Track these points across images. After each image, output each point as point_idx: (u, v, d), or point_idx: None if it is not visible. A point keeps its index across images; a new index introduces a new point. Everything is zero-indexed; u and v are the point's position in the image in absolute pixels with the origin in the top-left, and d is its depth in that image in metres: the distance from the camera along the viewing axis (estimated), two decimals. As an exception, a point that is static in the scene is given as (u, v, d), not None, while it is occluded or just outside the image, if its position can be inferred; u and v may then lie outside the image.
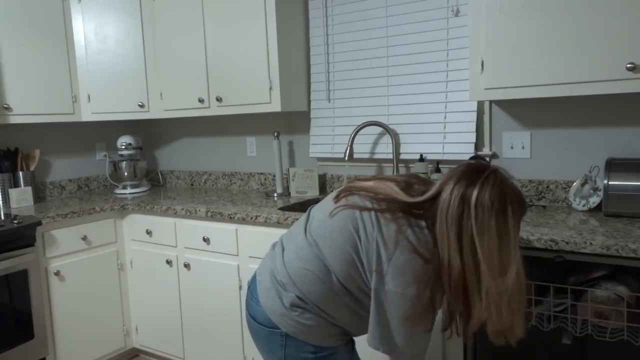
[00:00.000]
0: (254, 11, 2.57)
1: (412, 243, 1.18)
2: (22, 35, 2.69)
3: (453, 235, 1.13)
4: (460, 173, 1.18)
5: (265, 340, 1.35)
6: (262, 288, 1.37)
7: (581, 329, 1.71)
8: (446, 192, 1.17)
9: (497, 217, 1.12)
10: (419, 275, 1.17)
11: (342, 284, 1.27)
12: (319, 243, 1.29)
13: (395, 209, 1.22)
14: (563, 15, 1.81)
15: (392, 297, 1.19)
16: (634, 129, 2.04)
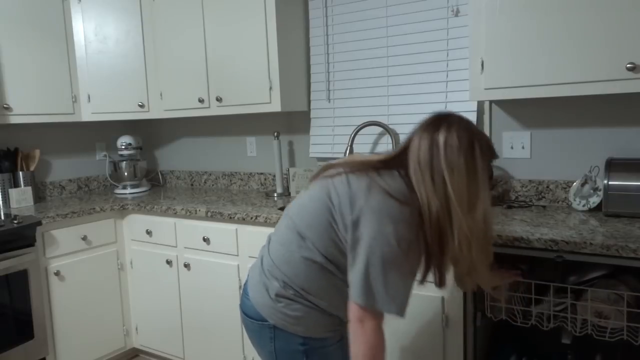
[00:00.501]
0: (254, 11, 2.57)
1: (384, 188, 1.21)
2: (22, 35, 2.69)
3: (428, 177, 1.19)
4: (426, 123, 1.25)
5: (257, 334, 1.36)
6: (251, 283, 1.39)
7: (581, 329, 1.71)
8: (415, 140, 1.24)
9: (465, 155, 1.18)
10: (395, 216, 1.18)
11: (325, 255, 1.27)
12: (296, 219, 1.32)
13: (366, 168, 1.26)
14: (563, 15, 1.81)
15: (368, 242, 1.19)
16: (634, 129, 2.04)
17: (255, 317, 1.35)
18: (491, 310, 1.85)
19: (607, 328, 1.66)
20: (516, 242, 1.69)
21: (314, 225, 1.28)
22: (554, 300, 1.75)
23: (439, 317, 1.88)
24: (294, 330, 1.31)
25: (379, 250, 1.18)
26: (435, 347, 1.91)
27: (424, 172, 1.20)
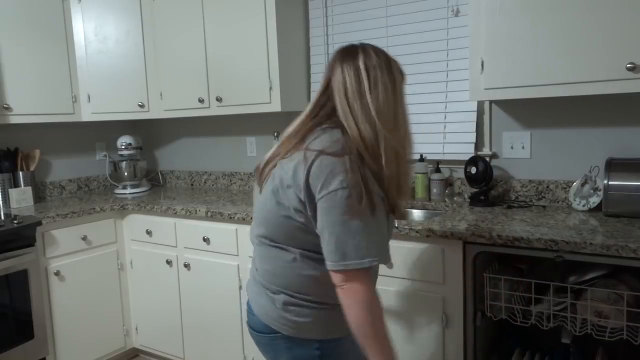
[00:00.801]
0: (254, 11, 2.57)
1: (317, 150, 1.19)
2: (22, 35, 2.69)
3: (356, 105, 1.20)
4: (339, 56, 1.27)
5: (270, 347, 1.33)
6: (253, 299, 1.35)
7: (581, 328, 1.71)
8: (336, 74, 1.24)
9: (385, 69, 1.23)
10: (336, 170, 1.16)
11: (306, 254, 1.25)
12: (265, 233, 1.30)
13: (295, 143, 1.26)
14: (563, 15, 1.81)
15: (325, 209, 1.17)
16: (634, 129, 2.04)
17: (265, 331, 1.31)
18: (491, 309, 1.85)
19: (607, 327, 1.66)
20: (516, 242, 1.69)
21: (283, 232, 1.26)
22: (553, 299, 1.75)
23: (439, 317, 1.88)
24: (308, 335, 1.28)
25: (336, 210, 1.15)
26: (435, 347, 1.91)
27: (351, 102, 1.21)
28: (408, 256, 1.92)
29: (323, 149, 1.19)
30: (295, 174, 1.20)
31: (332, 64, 1.27)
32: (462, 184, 2.42)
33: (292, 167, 1.21)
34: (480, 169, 2.21)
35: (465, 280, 1.83)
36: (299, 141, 1.25)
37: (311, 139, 1.24)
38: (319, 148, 1.20)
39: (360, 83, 1.21)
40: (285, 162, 1.25)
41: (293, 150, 1.25)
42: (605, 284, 1.73)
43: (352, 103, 1.21)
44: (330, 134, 1.23)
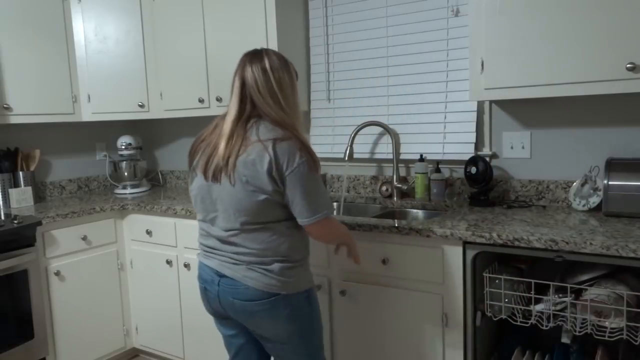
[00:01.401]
0: (254, 11, 2.57)
1: (272, 139, 1.48)
2: (22, 35, 2.69)
3: (269, 99, 1.52)
4: (247, 59, 1.60)
5: (265, 312, 1.53)
6: (239, 276, 1.54)
7: (581, 328, 1.71)
8: (247, 74, 1.56)
9: (286, 71, 1.57)
10: (294, 148, 1.47)
11: (278, 222, 1.54)
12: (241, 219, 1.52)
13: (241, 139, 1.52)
14: (563, 15, 1.81)
15: (296, 177, 1.47)
16: (634, 129, 2.04)
17: (264, 297, 1.52)
18: (491, 309, 1.86)
19: (607, 327, 1.66)
20: (516, 242, 1.69)
21: (263, 213, 1.50)
22: (553, 299, 1.75)
23: (439, 317, 1.89)
24: (299, 289, 1.57)
25: (303, 180, 1.48)
26: (435, 347, 1.91)
27: (264, 96, 1.52)
28: (408, 256, 1.92)
29: (275, 137, 1.48)
30: (263, 163, 1.46)
31: (243, 67, 1.58)
32: (462, 184, 2.42)
33: (258, 159, 1.46)
34: (480, 169, 2.21)
35: (465, 280, 1.83)
36: (242, 138, 1.50)
37: (252, 132, 1.51)
38: (271, 137, 1.48)
39: (268, 81, 1.53)
40: (245, 157, 1.48)
41: (244, 146, 1.49)
42: (605, 284, 1.73)
43: (267, 99, 1.52)
44: (265, 125, 1.52)
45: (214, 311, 1.68)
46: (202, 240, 1.68)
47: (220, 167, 1.52)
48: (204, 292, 1.68)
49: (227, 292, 1.57)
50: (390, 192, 2.58)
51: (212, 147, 1.57)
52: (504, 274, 1.86)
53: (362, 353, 2.09)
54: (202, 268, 1.68)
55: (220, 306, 1.61)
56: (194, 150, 1.66)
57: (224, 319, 1.68)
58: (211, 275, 1.62)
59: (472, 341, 1.85)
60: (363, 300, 2.05)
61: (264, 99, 1.53)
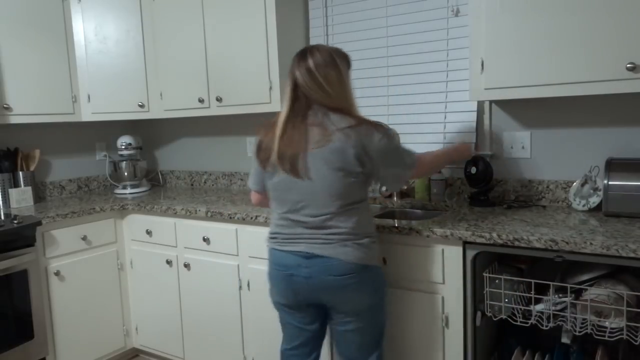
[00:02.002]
0: (254, 11, 2.57)
1: (346, 127, 1.62)
2: (22, 35, 2.69)
3: (323, 95, 1.64)
4: (296, 60, 1.69)
5: (355, 284, 1.65)
6: (331, 252, 1.63)
7: (581, 328, 1.71)
8: (297, 75, 1.66)
9: (332, 66, 1.66)
10: (370, 130, 1.64)
11: (363, 201, 1.71)
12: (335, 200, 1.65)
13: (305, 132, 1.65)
14: (563, 15, 1.81)
15: (382, 151, 1.65)
16: (634, 129, 2.04)
17: (355, 270, 1.64)
18: (491, 309, 1.86)
19: (607, 327, 1.66)
20: (516, 242, 1.69)
21: (353, 193, 1.66)
22: (553, 299, 1.75)
23: (439, 317, 1.89)
24: (378, 262, 1.73)
25: (390, 152, 1.68)
26: (435, 347, 1.91)
27: (316, 92, 1.64)
28: (408, 256, 1.92)
29: (349, 125, 1.62)
30: (349, 148, 1.60)
31: (293, 68, 1.68)
32: (462, 184, 2.42)
33: (343, 146, 1.60)
34: (480, 169, 2.21)
35: (465, 280, 1.83)
36: (319, 129, 1.62)
37: (327, 123, 1.62)
38: (345, 125, 1.62)
39: (315, 80, 1.63)
40: (331, 146, 1.60)
41: (326, 136, 1.61)
42: (605, 284, 1.73)
43: (320, 94, 1.64)
44: (333, 115, 1.64)
45: (295, 298, 1.73)
46: (284, 230, 1.72)
47: (305, 159, 1.62)
48: (287, 279, 1.71)
49: (320, 270, 1.64)
50: (390, 192, 2.58)
51: (288, 142, 1.65)
52: (504, 274, 1.86)
53: (362, 353, 2.08)
54: (282, 257, 1.71)
55: (308, 288, 1.68)
56: (264, 148, 1.74)
57: (299, 307, 1.75)
58: (297, 260, 1.67)
59: (472, 341, 1.85)
60: (363, 300, 2.05)
61: (317, 94, 1.64)
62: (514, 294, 1.87)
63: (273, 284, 1.77)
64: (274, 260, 1.74)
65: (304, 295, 1.70)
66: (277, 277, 1.73)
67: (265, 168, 1.73)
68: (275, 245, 1.74)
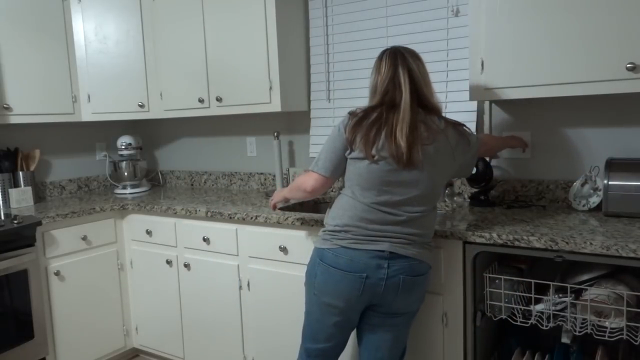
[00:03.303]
0: (254, 11, 2.57)
1: (456, 122, 1.75)
2: (22, 35, 2.69)
3: (431, 91, 1.71)
4: (405, 54, 1.70)
5: (423, 285, 1.69)
6: (415, 252, 1.64)
7: (581, 328, 1.71)
8: (413, 67, 1.67)
9: (422, 64, 1.71)
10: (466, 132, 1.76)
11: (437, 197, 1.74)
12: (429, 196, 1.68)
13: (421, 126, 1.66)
14: (563, 15, 1.81)
15: (472, 153, 1.77)
16: (634, 129, 2.04)
17: (427, 271, 1.69)
18: (491, 309, 1.86)
19: (607, 327, 1.66)
20: (516, 242, 1.69)
21: (437, 196, 1.71)
22: (553, 299, 1.75)
23: (439, 317, 1.89)
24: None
25: (476, 151, 1.79)
26: (435, 347, 1.91)
27: (428, 87, 1.69)
28: (408, 256, 1.92)
29: (446, 126, 1.67)
30: (450, 150, 1.66)
31: (404, 61, 1.67)
32: (462, 184, 2.42)
33: (446, 146, 1.65)
34: (480, 169, 2.21)
35: (465, 280, 1.83)
36: (425, 127, 1.63)
37: (431, 122, 1.64)
38: (445, 126, 1.67)
39: (427, 75, 1.69)
40: (436, 146, 1.63)
41: (432, 135, 1.62)
42: (605, 284, 1.73)
43: (430, 90, 1.69)
44: (432, 115, 1.67)
45: (357, 302, 1.64)
46: (367, 223, 1.62)
47: (416, 154, 1.59)
48: (357, 282, 1.60)
49: (401, 271, 1.62)
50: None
51: (392, 133, 1.60)
52: (504, 274, 1.86)
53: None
54: (357, 257, 1.61)
55: (381, 290, 1.62)
56: (359, 137, 1.63)
57: (351, 311, 1.67)
58: (376, 261, 1.60)
59: (472, 341, 1.85)
60: (363, 300, 2.04)
61: (427, 91, 1.67)
62: (514, 294, 1.87)
63: (331, 285, 1.63)
64: (342, 261, 1.61)
65: (369, 297, 1.63)
66: (343, 279, 1.61)
67: (366, 153, 1.61)
68: (345, 242, 1.62)
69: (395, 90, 1.64)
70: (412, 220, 1.63)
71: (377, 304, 1.66)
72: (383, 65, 1.68)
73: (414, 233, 1.64)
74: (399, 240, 1.62)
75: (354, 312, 1.68)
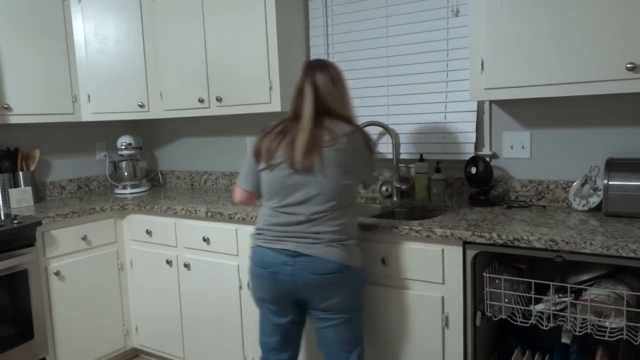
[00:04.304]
0: (254, 11, 2.57)
1: (353, 130, 1.81)
2: (22, 35, 2.69)
3: (338, 102, 1.82)
4: (315, 68, 1.83)
5: (338, 284, 1.73)
6: (319, 252, 1.70)
7: (581, 328, 1.71)
8: (319, 81, 1.80)
9: (343, 79, 1.86)
10: (368, 140, 1.84)
11: (350, 205, 1.80)
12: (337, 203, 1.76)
13: (318, 134, 1.78)
14: (563, 15, 1.81)
15: (367, 161, 1.84)
16: (634, 129, 2.04)
17: (338, 270, 1.71)
18: (491, 309, 1.86)
19: (607, 327, 1.66)
20: (516, 242, 1.69)
21: (346, 197, 1.76)
22: (553, 299, 1.75)
23: (439, 317, 1.89)
24: (360, 263, 1.81)
25: (371, 164, 1.89)
26: (435, 347, 1.91)
27: (334, 98, 1.80)
28: (408, 256, 1.92)
29: (351, 131, 1.76)
30: (350, 152, 1.74)
31: (312, 74, 1.81)
32: (462, 184, 2.42)
33: (346, 149, 1.73)
34: (480, 169, 2.21)
35: (465, 280, 1.83)
36: (326, 132, 1.74)
37: (334, 127, 1.74)
38: (348, 131, 1.75)
39: (335, 86, 1.80)
40: (336, 148, 1.72)
41: (332, 139, 1.72)
42: (605, 284, 1.73)
43: (336, 101, 1.80)
44: (338, 121, 1.77)
45: (277, 294, 1.79)
46: (273, 226, 1.78)
47: (312, 159, 1.71)
48: (270, 277, 1.77)
49: (305, 269, 1.71)
50: (390, 192, 2.58)
51: (293, 141, 1.75)
52: (504, 274, 1.86)
53: (362, 353, 2.09)
54: (267, 254, 1.77)
55: (293, 286, 1.74)
56: (263, 148, 1.83)
57: (280, 303, 1.82)
58: (282, 258, 1.73)
59: (472, 341, 1.85)
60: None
61: (333, 100, 1.79)
62: (514, 294, 1.87)
63: (255, 281, 1.83)
64: (258, 258, 1.80)
65: (286, 292, 1.77)
66: (261, 275, 1.79)
67: (269, 163, 1.79)
68: (260, 241, 1.81)
69: (301, 101, 1.81)
70: (315, 220, 1.72)
71: (308, 301, 1.78)
72: (299, 77, 1.86)
73: (320, 232, 1.71)
74: (303, 240, 1.72)
75: (282, 306, 1.82)
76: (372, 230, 1.98)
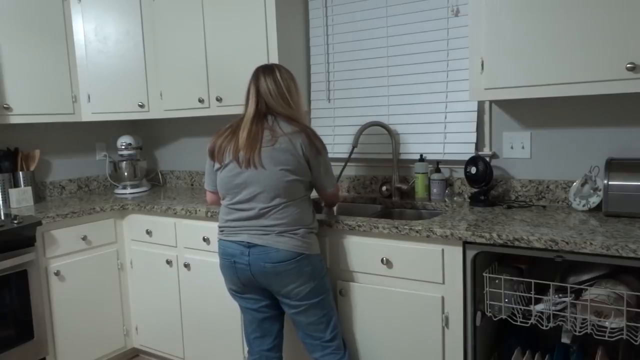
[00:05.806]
0: (254, 11, 2.57)
1: (296, 131, 1.89)
2: (22, 35, 2.69)
3: (282, 103, 1.92)
4: (260, 71, 1.95)
5: (292, 270, 1.83)
6: (271, 242, 1.83)
7: (581, 328, 1.71)
8: (261, 83, 1.92)
9: (292, 80, 1.98)
10: (314, 138, 1.93)
11: (300, 198, 1.88)
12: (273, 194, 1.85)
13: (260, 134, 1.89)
14: (563, 15, 1.81)
15: (319, 158, 1.93)
16: (634, 129, 2.04)
17: (292, 257, 1.82)
18: (491, 309, 1.86)
19: (607, 327, 1.66)
20: (516, 242, 1.69)
21: (291, 191, 1.86)
22: (553, 299, 1.76)
23: (439, 317, 1.89)
24: (317, 251, 1.92)
25: (323, 159, 1.95)
26: (435, 347, 1.91)
27: (276, 99, 1.91)
28: (408, 256, 1.92)
29: (295, 130, 1.87)
30: (292, 151, 1.84)
31: (257, 78, 1.94)
32: (462, 184, 2.42)
33: (288, 147, 1.84)
34: (480, 169, 2.21)
35: (465, 280, 1.83)
36: (269, 131, 1.86)
37: (276, 127, 1.86)
38: (292, 130, 1.86)
39: (279, 88, 1.91)
40: (278, 146, 1.83)
41: (274, 138, 1.84)
42: (605, 284, 1.73)
43: (279, 101, 1.91)
44: (283, 121, 1.89)
45: (240, 283, 1.92)
46: (230, 223, 1.91)
47: (253, 155, 1.83)
48: (231, 266, 1.91)
49: (259, 258, 1.84)
50: (390, 192, 2.58)
51: (238, 140, 1.87)
52: (504, 274, 1.86)
53: (362, 353, 2.09)
54: (227, 246, 1.91)
55: (250, 274, 1.87)
56: (216, 146, 1.94)
57: (247, 291, 1.94)
58: (240, 249, 1.87)
59: (472, 341, 1.85)
60: (362, 300, 2.05)
61: (276, 101, 1.90)
62: (514, 294, 1.87)
63: (222, 272, 1.97)
64: (221, 250, 1.94)
65: (247, 281, 1.90)
66: (224, 265, 1.93)
67: (221, 162, 1.91)
68: (222, 236, 1.95)
69: (247, 103, 1.94)
70: (264, 214, 1.84)
71: (269, 289, 1.90)
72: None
73: (270, 225, 1.84)
74: (255, 232, 1.86)
75: (249, 293, 1.95)
76: (372, 231, 1.98)
